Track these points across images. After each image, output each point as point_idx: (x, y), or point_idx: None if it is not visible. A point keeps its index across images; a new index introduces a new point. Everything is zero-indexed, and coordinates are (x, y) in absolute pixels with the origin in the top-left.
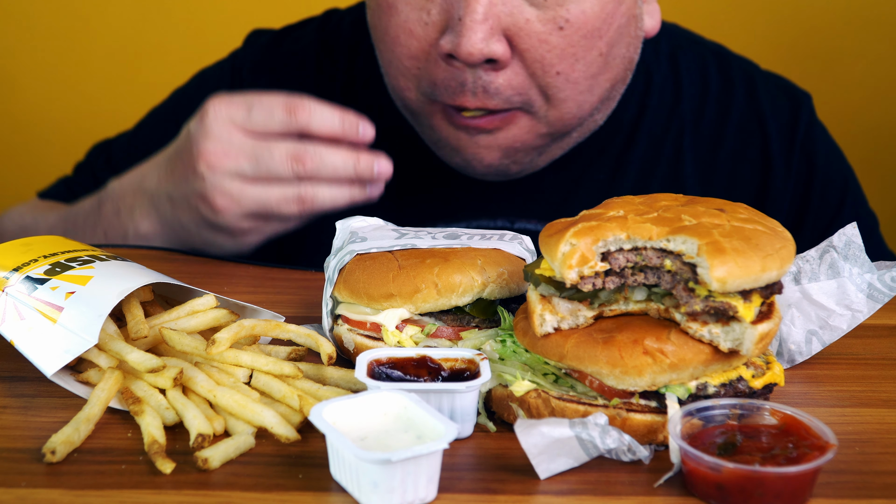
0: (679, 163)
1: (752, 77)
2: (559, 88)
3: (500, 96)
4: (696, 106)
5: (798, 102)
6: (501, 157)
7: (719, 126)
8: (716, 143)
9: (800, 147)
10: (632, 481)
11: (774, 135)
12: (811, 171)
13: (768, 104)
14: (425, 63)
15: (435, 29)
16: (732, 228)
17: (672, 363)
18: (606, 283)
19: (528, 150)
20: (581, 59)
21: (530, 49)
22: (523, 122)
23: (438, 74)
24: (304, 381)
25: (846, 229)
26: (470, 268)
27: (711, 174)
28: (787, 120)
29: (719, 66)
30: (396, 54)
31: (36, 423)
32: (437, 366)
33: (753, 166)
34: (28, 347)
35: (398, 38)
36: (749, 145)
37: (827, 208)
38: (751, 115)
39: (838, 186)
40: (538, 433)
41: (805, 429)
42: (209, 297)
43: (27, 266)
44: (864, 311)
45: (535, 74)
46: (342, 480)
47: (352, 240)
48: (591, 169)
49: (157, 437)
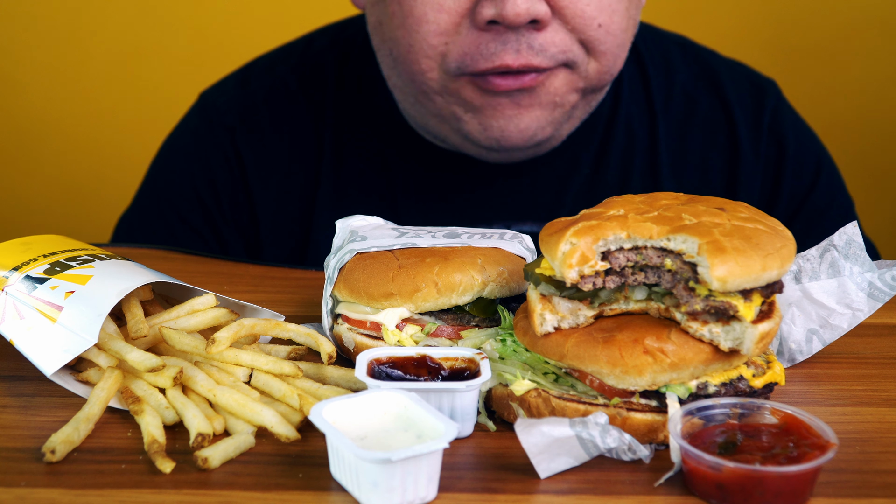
0: (654, 153)
1: (716, 66)
2: (601, 41)
3: (546, 53)
4: (664, 97)
5: (762, 89)
6: (541, 116)
7: (687, 116)
8: (684, 134)
9: (767, 131)
10: (632, 480)
11: (741, 121)
12: (781, 155)
13: (733, 92)
14: (455, 36)
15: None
16: (733, 227)
17: (672, 362)
18: (607, 283)
19: (564, 109)
20: (616, 10)
21: (569, 5)
22: (563, 76)
23: (471, 44)
24: (304, 381)
25: (846, 228)
26: (470, 267)
27: (683, 163)
28: (752, 106)
29: (683, 58)
30: (422, 34)
31: (36, 422)
32: (437, 365)
33: (723, 153)
34: (28, 347)
35: (425, 15)
36: (717, 133)
37: (800, 189)
38: (717, 104)
39: (811, 169)
40: (538, 432)
41: (805, 428)
42: (209, 296)
43: (27, 265)
44: (864, 310)
45: (577, 29)
46: (342, 480)
47: (352, 239)
48: (578, 164)
49: (156, 436)
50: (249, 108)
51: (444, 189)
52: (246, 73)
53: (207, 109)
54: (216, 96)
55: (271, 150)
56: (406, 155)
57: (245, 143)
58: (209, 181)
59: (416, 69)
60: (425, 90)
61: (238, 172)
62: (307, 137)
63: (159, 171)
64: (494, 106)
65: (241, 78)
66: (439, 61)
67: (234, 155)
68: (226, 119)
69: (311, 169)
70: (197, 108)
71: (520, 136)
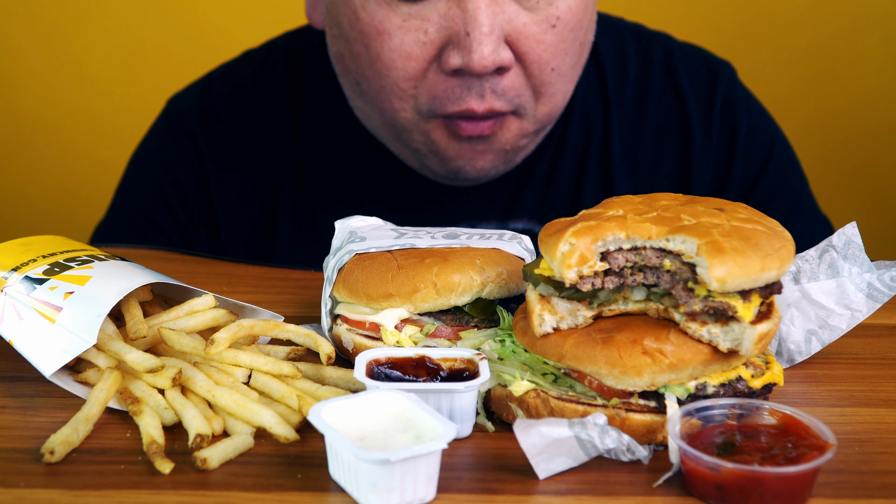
0: (608, 143)
1: (669, 51)
2: (551, 84)
3: (505, 97)
4: (617, 86)
5: (715, 72)
6: (494, 159)
7: (640, 103)
8: (638, 121)
9: (719, 115)
10: (631, 481)
11: (693, 105)
12: (733, 138)
13: (685, 76)
14: (423, 81)
15: (433, 47)
16: (732, 228)
17: (671, 363)
18: (605, 283)
19: (517, 151)
20: (569, 51)
21: (529, 51)
22: (514, 125)
23: (438, 88)
24: (303, 381)
25: (845, 228)
26: (469, 267)
27: (636, 150)
28: (705, 90)
29: (637, 45)
30: (392, 79)
31: (35, 423)
32: (436, 366)
33: (675, 138)
34: (27, 347)
35: (393, 62)
36: (669, 118)
37: (751, 172)
38: (669, 89)
39: (763, 151)
40: (537, 433)
41: (804, 428)
42: (208, 296)
43: (26, 266)
44: (863, 311)
45: (533, 74)
46: (341, 480)
47: (351, 239)
48: (539, 160)
49: (155, 437)
50: (209, 111)
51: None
52: (208, 77)
53: (171, 114)
54: (178, 101)
55: (231, 153)
56: (365, 160)
57: (206, 147)
58: (175, 185)
59: (387, 107)
60: (397, 126)
61: (202, 175)
62: (265, 141)
63: (129, 179)
64: (457, 150)
65: (204, 82)
66: (412, 103)
67: (197, 158)
68: (187, 123)
69: (271, 172)
70: (163, 114)
71: (476, 175)
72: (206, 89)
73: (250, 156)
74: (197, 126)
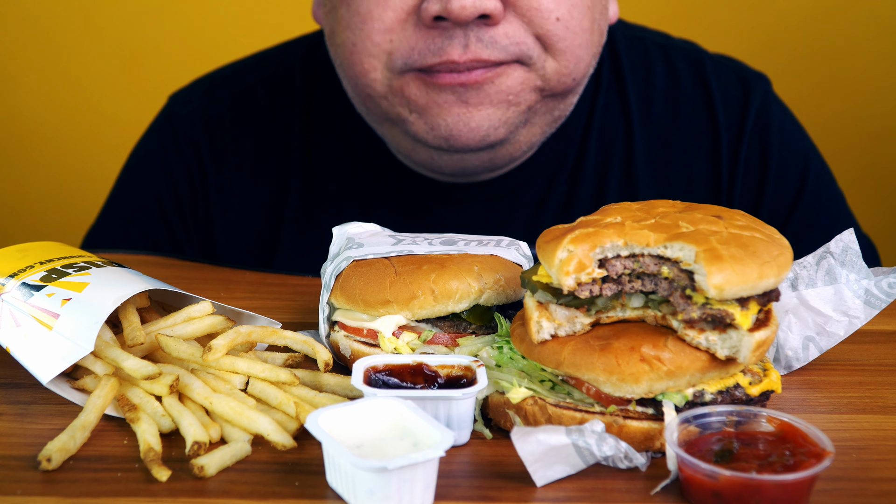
0: (630, 162)
1: (699, 63)
2: (559, 37)
3: (496, 45)
4: (643, 102)
5: (749, 86)
6: (492, 114)
7: (670, 119)
8: (668, 139)
9: (750, 135)
10: (628, 489)
11: (723, 122)
12: (765, 160)
13: (718, 90)
14: (401, 33)
15: None
16: (730, 235)
17: (669, 370)
18: (604, 290)
19: (520, 109)
20: (576, 5)
21: None
22: (518, 73)
23: (417, 40)
24: (301, 388)
25: (843, 235)
26: (467, 274)
27: (667, 170)
28: (737, 106)
29: (663, 57)
30: (366, 31)
31: (32, 430)
32: (434, 373)
33: (707, 157)
34: (24, 354)
35: (370, 12)
36: (701, 136)
37: (784, 197)
38: (700, 104)
39: (796, 175)
40: (535, 440)
41: (802, 436)
42: (205, 303)
43: (23, 272)
44: (861, 318)
45: (533, 22)
46: (338, 488)
47: (348, 246)
48: (555, 182)
49: (153, 444)
50: (215, 120)
51: (420, 211)
52: (214, 80)
53: (173, 118)
54: (183, 103)
55: (236, 166)
56: (379, 174)
57: (210, 160)
58: (172, 194)
59: (358, 70)
60: (370, 93)
61: (202, 187)
62: (274, 151)
63: (124, 183)
64: (440, 104)
65: (209, 85)
66: (384, 60)
67: (199, 170)
68: (192, 133)
69: (278, 184)
70: (164, 115)
71: (470, 136)
72: (212, 93)
73: (255, 170)
74: (204, 138)
